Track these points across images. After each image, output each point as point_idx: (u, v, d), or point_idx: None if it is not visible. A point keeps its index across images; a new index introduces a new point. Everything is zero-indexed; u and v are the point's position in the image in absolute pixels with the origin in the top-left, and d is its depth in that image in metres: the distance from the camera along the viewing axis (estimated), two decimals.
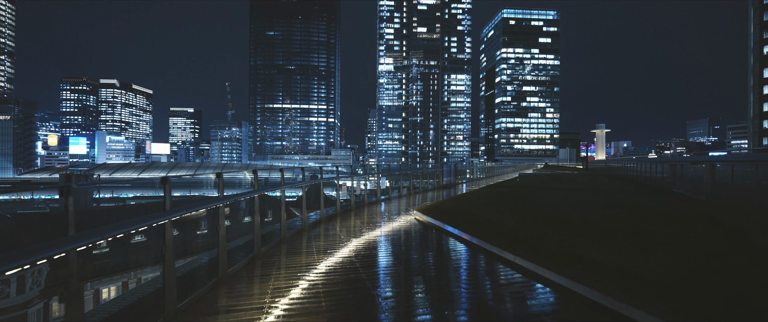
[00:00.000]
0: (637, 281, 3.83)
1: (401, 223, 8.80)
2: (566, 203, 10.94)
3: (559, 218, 8.19)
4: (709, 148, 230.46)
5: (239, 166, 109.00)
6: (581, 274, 4.12)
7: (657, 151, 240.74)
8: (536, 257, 4.88)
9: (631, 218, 7.96)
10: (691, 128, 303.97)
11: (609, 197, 12.65)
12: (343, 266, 5.22)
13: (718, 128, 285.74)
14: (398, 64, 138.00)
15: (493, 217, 8.28)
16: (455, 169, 11.81)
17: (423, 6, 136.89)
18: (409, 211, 10.74)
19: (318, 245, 6.57)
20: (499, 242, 5.76)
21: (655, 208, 9.62)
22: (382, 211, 10.80)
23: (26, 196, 12.41)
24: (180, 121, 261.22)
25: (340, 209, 9.94)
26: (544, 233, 6.38)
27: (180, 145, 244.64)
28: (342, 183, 10.48)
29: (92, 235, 2.43)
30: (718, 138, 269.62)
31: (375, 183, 12.92)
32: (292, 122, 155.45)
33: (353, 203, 11.22)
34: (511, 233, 6.45)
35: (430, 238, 7.31)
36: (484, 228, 6.91)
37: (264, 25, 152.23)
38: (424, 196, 14.69)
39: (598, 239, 5.88)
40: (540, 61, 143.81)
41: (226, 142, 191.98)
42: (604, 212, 9.04)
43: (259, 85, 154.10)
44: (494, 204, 10.70)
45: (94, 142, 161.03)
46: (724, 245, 5.52)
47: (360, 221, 9.05)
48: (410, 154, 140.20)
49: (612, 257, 4.71)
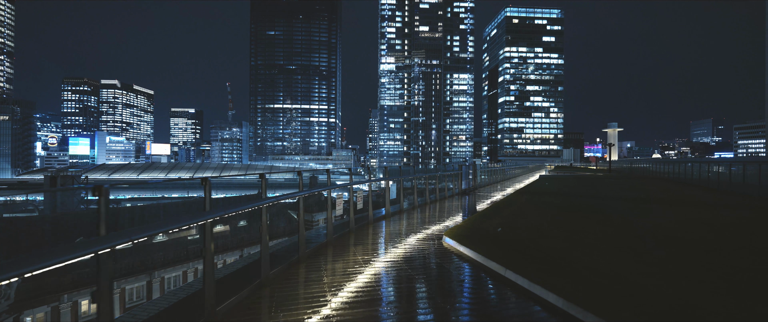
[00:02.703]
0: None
1: (427, 259, 5.82)
2: (684, 227, 7.30)
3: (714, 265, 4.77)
4: (713, 149, 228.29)
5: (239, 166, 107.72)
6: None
7: (661, 152, 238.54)
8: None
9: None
10: (695, 128, 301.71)
11: (718, 213, 9.30)
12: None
13: (722, 129, 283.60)
14: (400, 63, 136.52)
15: (580, 256, 5.26)
16: (475, 171, 10.23)
17: (425, 4, 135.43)
18: (433, 233, 7.74)
19: None
20: None
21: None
22: (393, 233, 7.78)
23: (20, 197, 12.12)
24: (181, 122, 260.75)
25: (332, 232, 6.74)
26: (708, 295, 3.67)
27: (181, 145, 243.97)
28: (336, 195, 6.94)
29: (143, 230, 2.49)
30: (723, 138, 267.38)
31: (379, 188, 10.12)
32: (293, 123, 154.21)
33: (352, 219, 7.77)
34: (630, 289, 3.88)
35: (483, 292, 4.50)
36: (581, 280, 4.22)
37: (265, 25, 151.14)
38: (442, 206, 11.82)
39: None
40: (544, 61, 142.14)
41: (227, 142, 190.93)
42: None
43: (260, 85, 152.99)
44: (562, 226, 7.61)
45: (94, 143, 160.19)
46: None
47: (363, 254, 6.05)
48: (412, 154, 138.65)
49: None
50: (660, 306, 3.46)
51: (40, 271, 1.76)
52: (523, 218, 8.84)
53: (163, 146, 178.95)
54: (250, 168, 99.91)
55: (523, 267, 4.70)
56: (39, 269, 1.76)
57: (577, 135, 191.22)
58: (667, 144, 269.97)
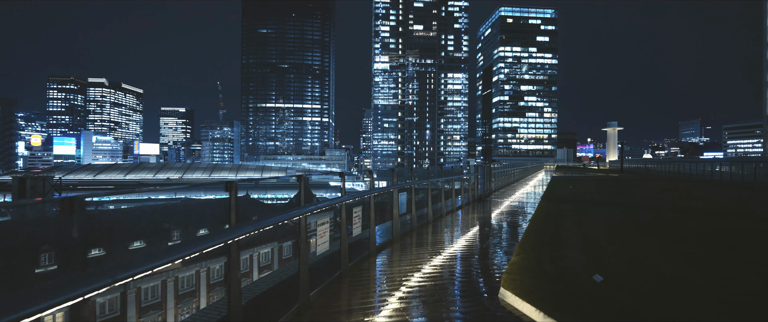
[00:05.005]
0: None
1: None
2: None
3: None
4: (702, 149, 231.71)
5: (231, 167, 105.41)
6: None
7: (651, 152, 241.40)
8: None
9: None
10: (684, 129, 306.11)
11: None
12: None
13: (710, 129, 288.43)
14: (394, 62, 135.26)
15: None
16: (489, 174, 8.65)
17: (419, 3, 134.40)
18: (474, 275, 4.92)
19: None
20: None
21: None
22: (409, 276, 4.76)
23: None
24: (171, 121, 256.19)
25: (306, 285, 3.68)
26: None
27: (171, 145, 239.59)
28: (317, 224, 4.36)
29: (265, 219, 2.84)
30: (711, 138, 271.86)
31: (375, 198, 6.43)
32: (286, 122, 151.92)
33: (345, 253, 4.74)
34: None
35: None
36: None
37: (257, 23, 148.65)
38: (462, 220, 9.10)
39: None
40: (538, 60, 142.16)
41: (218, 142, 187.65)
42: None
43: (252, 84, 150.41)
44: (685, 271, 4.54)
45: (80, 143, 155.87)
46: None
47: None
48: (406, 154, 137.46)
49: None
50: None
51: (173, 262, 1.77)
52: (605, 246, 5.89)
53: (151, 146, 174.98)
54: (241, 168, 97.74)
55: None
56: (173, 260, 1.78)
57: (570, 135, 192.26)
58: (657, 144, 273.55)
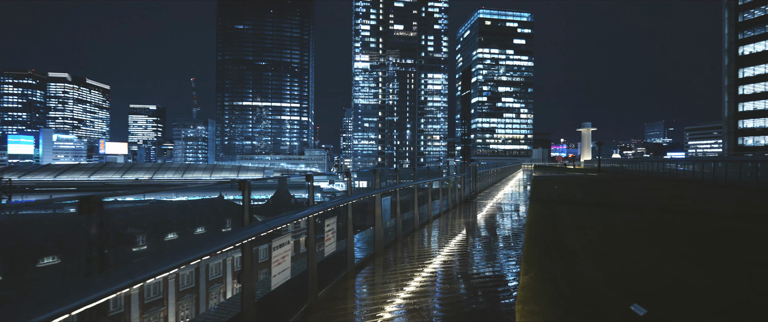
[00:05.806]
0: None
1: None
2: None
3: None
4: (666, 149, 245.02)
5: (205, 167, 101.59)
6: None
7: (620, 152, 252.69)
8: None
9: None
10: (649, 130, 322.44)
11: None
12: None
13: (673, 130, 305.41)
14: (374, 62, 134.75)
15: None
16: (475, 174, 8.30)
17: (399, 3, 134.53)
18: (477, 306, 3.86)
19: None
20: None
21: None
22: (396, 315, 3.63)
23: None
24: (141, 120, 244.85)
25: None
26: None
27: (141, 144, 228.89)
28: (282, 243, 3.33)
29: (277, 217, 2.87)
30: (674, 139, 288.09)
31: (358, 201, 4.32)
32: (263, 121, 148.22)
33: (314, 280, 3.67)
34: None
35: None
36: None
37: (233, 19, 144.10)
38: (451, 227, 8.08)
39: None
40: (515, 62, 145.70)
41: (191, 141, 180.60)
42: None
43: (228, 81, 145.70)
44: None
45: (39, 142, 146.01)
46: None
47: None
48: (387, 154, 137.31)
49: None
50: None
51: (195, 260, 1.80)
52: (614, 255, 5.33)
53: (119, 145, 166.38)
54: (216, 169, 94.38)
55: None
56: (194, 258, 1.79)
57: (544, 135, 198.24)
58: (624, 144, 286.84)
